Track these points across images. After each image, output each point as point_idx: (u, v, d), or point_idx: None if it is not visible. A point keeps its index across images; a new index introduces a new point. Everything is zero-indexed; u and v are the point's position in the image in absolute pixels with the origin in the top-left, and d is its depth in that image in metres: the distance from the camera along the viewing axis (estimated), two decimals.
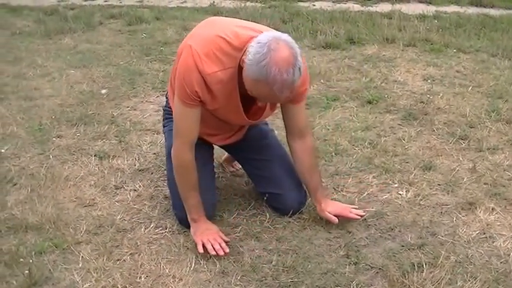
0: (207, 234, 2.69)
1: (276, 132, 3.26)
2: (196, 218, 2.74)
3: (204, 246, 2.64)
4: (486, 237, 2.78)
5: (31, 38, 6.20)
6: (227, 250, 2.64)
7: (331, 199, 2.97)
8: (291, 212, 2.93)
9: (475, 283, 2.46)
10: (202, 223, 2.74)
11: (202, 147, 2.89)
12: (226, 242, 2.69)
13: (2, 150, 3.57)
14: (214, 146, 3.04)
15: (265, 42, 2.27)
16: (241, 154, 3.10)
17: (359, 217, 2.83)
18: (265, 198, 2.96)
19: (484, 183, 3.22)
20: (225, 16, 6.59)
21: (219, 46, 2.41)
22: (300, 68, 2.31)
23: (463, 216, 2.94)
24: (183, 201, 2.78)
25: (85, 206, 3.05)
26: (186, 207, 2.78)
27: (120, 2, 7.89)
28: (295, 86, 2.34)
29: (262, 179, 2.98)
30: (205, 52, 2.41)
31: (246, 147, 2.97)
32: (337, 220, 2.78)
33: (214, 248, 2.63)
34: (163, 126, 3.07)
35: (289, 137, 2.82)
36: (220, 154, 3.32)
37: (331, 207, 2.82)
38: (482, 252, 2.67)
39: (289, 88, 2.33)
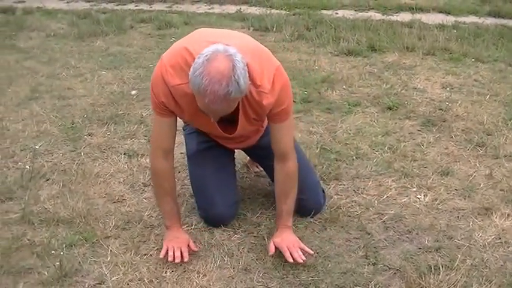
0: (174, 242, 2.66)
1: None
2: (169, 225, 2.73)
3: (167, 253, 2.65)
4: (501, 242, 2.80)
5: (65, 40, 6.36)
6: (186, 259, 2.61)
7: (351, 200, 3.00)
8: (312, 213, 2.95)
9: (490, 287, 2.48)
10: (174, 231, 2.72)
11: (221, 149, 2.93)
12: (194, 251, 2.68)
13: (36, 147, 3.64)
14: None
15: (205, 53, 2.18)
16: (259, 159, 3.16)
17: (291, 260, 2.58)
18: None
19: (500, 190, 3.24)
20: (251, 23, 6.72)
21: (184, 59, 2.34)
22: (238, 82, 2.17)
23: (479, 221, 2.96)
24: (158, 205, 2.82)
25: (114, 202, 3.12)
26: (161, 213, 2.83)
27: (150, 7, 8.05)
28: (231, 99, 2.21)
29: None
30: (172, 64, 2.37)
31: (262, 153, 2.94)
32: (272, 252, 2.62)
33: (174, 255, 2.63)
34: (183, 130, 3.09)
35: (274, 157, 2.68)
36: (245, 155, 3.36)
37: (279, 239, 2.66)
38: (498, 256, 2.69)
39: (224, 101, 2.19)
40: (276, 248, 2.64)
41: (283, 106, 2.48)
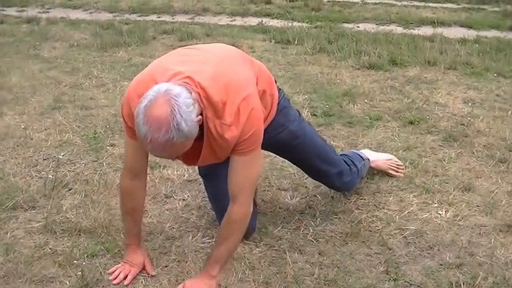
0: (128, 264, 2.67)
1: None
2: (127, 243, 2.73)
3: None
4: None
5: (88, 50, 6.42)
6: (126, 282, 2.60)
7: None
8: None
9: None
10: (131, 251, 2.71)
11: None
12: (149, 275, 2.65)
13: (59, 156, 3.68)
14: None
15: (146, 96, 2.10)
16: (283, 155, 3.11)
17: None
18: None
19: None
20: (272, 35, 6.74)
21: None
22: (179, 127, 2.06)
23: (501, 238, 2.95)
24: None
25: None
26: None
27: (173, 19, 8.13)
28: (175, 145, 2.10)
29: (306, 171, 3.11)
30: (138, 94, 2.24)
31: (282, 150, 2.94)
32: None
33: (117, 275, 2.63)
34: None
35: None
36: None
37: (190, 285, 2.54)
38: None
39: (166, 148, 2.10)
40: None
41: (246, 136, 2.32)
